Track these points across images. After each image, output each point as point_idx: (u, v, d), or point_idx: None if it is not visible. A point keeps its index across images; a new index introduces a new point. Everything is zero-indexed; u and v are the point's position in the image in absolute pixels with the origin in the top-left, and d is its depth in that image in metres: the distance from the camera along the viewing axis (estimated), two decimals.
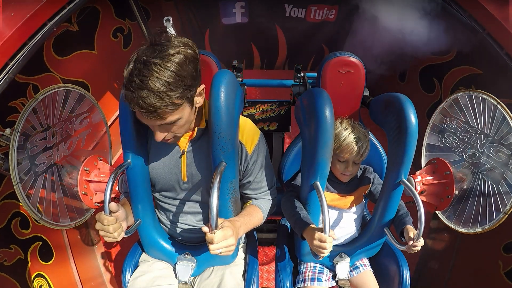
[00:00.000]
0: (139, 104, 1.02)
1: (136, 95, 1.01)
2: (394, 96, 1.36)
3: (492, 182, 1.70)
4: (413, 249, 1.30)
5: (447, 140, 1.94)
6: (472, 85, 2.13)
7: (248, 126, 1.35)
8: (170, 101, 1.04)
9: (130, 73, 1.02)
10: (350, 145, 1.41)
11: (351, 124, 1.47)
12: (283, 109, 2.06)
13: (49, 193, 1.68)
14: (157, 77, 1.00)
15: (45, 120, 1.63)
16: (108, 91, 2.60)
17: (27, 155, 1.55)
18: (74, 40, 2.16)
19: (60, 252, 2.29)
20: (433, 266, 2.54)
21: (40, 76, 1.99)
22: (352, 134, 1.42)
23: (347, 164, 1.45)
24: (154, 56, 1.01)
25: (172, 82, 1.02)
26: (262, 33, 3.02)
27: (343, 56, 1.56)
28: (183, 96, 1.07)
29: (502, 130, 1.65)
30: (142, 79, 1.00)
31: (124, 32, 2.58)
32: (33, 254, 2.06)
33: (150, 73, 1.00)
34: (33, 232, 2.06)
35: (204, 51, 1.59)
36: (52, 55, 2.05)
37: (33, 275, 2.03)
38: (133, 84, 1.01)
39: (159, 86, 1.00)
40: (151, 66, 1.00)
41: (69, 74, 2.19)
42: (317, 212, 1.40)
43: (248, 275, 1.48)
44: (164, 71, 1.00)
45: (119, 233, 1.18)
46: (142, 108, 1.03)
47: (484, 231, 1.68)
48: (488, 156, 1.72)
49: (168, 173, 1.34)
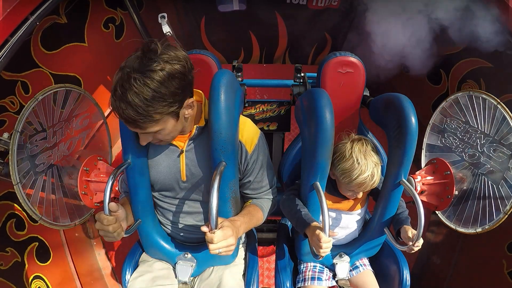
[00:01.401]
0: (119, 113, 1.06)
1: (117, 105, 1.04)
2: (394, 96, 1.36)
3: (492, 182, 1.70)
4: (413, 249, 1.30)
5: (447, 140, 1.94)
6: (481, 78, 2.05)
7: (248, 126, 1.35)
8: (148, 115, 1.05)
9: (116, 81, 1.04)
10: (363, 184, 1.35)
11: (363, 153, 1.35)
12: (283, 109, 2.06)
13: (49, 193, 1.68)
14: (136, 92, 1.01)
15: (45, 120, 1.63)
16: (102, 85, 2.49)
17: (27, 155, 1.55)
18: (63, 33, 2.05)
19: (58, 252, 2.24)
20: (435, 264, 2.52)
21: (29, 73, 1.90)
22: (366, 172, 1.33)
23: (356, 193, 1.43)
24: (137, 69, 1.02)
25: (150, 99, 1.03)
26: (261, 21, 2.84)
27: (343, 56, 1.56)
28: (162, 112, 1.07)
29: (502, 130, 1.65)
30: (123, 91, 1.02)
31: (116, 22, 2.43)
32: (30, 255, 2.02)
33: (130, 87, 1.01)
34: (29, 233, 2.01)
35: (204, 51, 1.59)
36: (41, 49, 1.95)
37: (30, 277, 1.99)
38: (116, 93, 1.03)
39: (137, 101, 1.02)
40: (131, 80, 1.01)
41: (59, 69, 2.09)
42: (318, 212, 1.40)
43: (248, 275, 1.48)
44: (143, 87, 1.01)
45: (118, 233, 1.18)
46: (121, 118, 1.08)
47: (484, 231, 1.68)
48: (488, 156, 1.72)
49: (167, 172, 1.34)
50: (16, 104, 1.82)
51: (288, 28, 2.94)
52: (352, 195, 1.45)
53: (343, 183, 1.39)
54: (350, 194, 1.45)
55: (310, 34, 2.96)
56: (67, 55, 2.12)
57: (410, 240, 1.29)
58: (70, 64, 2.17)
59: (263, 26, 2.90)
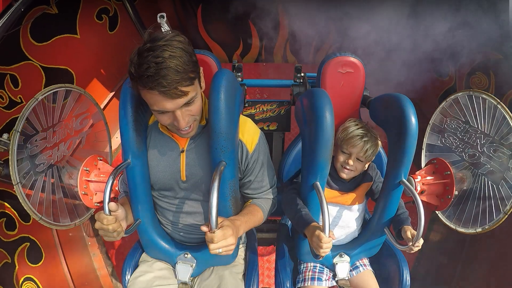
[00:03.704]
0: (161, 84, 1.05)
1: (157, 76, 1.05)
2: (394, 96, 1.36)
3: (492, 182, 1.71)
4: (413, 249, 1.31)
5: (447, 140, 1.94)
6: (491, 71, 2.00)
7: (248, 125, 1.35)
8: (186, 75, 1.09)
9: (139, 64, 1.05)
10: (355, 138, 1.44)
11: (362, 123, 1.50)
12: (283, 109, 2.06)
13: (49, 193, 1.68)
14: (171, 54, 1.05)
15: (45, 120, 1.63)
16: (95, 78, 2.40)
17: (27, 155, 1.55)
18: (53, 24, 1.98)
19: (50, 253, 2.15)
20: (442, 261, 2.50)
21: (18, 65, 1.84)
22: (360, 130, 1.46)
23: (349, 156, 1.46)
24: (157, 42, 1.06)
25: (184, 56, 1.08)
26: (261, 9, 2.73)
27: (343, 56, 1.56)
28: (194, 70, 1.13)
29: (502, 130, 1.65)
30: (158, 61, 1.04)
31: (110, 13, 2.35)
32: (21, 256, 1.94)
33: (163, 53, 1.04)
34: (20, 233, 1.94)
35: (204, 51, 1.59)
36: (30, 41, 1.88)
37: (21, 279, 1.91)
38: (150, 69, 1.04)
39: (175, 62, 1.06)
40: (162, 48, 1.05)
41: (50, 61, 2.01)
42: (317, 212, 1.40)
43: (248, 275, 1.48)
44: (174, 49, 1.06)
45: (118, 233, 1.18)
46: (165, 88, 1.06)
47: (484, 231, 1.68)
48: (488, 156, 1.72)
49: (167, 172, 1.34)
50: (5, 99, 1.77)
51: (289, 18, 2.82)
52: (344, 162, 1.46)
53: (339, 141, 1.47)
54: (342, 161, 1.47)
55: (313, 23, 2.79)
56: (58, 47, 2.05)
57: (410, 240, 1.29)
58: (61, 56, 2.10)
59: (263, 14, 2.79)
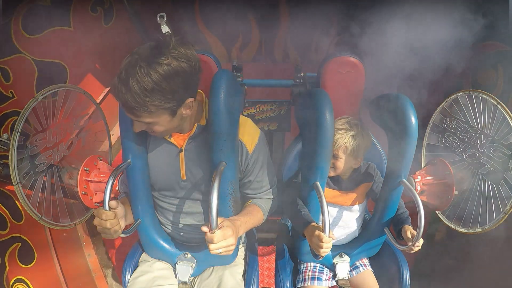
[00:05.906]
0: (117, 96, 1.07)
1: (118, 87, 1.05)
2: (394, 96, 1.36)
3: (492, 182, 1.70)
4: (413, 249, 1.31)
5: (447, 140, 1.94)
6: (498, 64, 1.93)
7: (249, 126, 1.35)
8: (143, 105, 1.06)
9: (124, 64, 1.05)
10: None
11: (346, 121, 1.45)
12: (283, 109, 2.06)
13: (49, 193, 1.68)
14: (137, 79, 1.02)
15: (45, 120, 1.63)
16: (89, 73, 2.33)
17: (27, 155, 1.55)
18: (46, 15, 1.91)
19: (43, 253, 2.07)
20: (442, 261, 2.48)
21: (9, 58, 1.78)
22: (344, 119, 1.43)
23: None
24: (145, 59, 1.03)
25: (149, 90, 1.03)
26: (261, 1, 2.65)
27: (343, 56, 1.56)
28: (158, 105, 1.08)
29: (502, 130, 1.65)
30: (126, 76, 1.03)
31: (105, 5, 2.26)
32: (12, 257, 1.86)
33: (133, 73, 1.02)
34: (11, 233, 1.86)
35: (204, 51, 1.59)
36: (22, 33, 1.82)
37: (11, 280, 1.84)
38: (121, 76, 1.04)
39: (137, 89, 1.03)
40: (137, 67, 1.02)
41: (42, 55, 1.94)
42: (317, 212, 1.40)
43: (248, 275, 1.48)
44: (145, 77, 1.02)
45: (115, 230, 1.18)
46: (118, 100, 1.09)
47: (484, 231, 1.68)
48: (488, 156, 1.72)
49: (167, 171, 1.34)
50: None
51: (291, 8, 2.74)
52: None
53: None
54: None
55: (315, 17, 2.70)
56: (51, 40, 1.99)
57: (410, 240, 1.29)
58: (54, 49, 2.03)
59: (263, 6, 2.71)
